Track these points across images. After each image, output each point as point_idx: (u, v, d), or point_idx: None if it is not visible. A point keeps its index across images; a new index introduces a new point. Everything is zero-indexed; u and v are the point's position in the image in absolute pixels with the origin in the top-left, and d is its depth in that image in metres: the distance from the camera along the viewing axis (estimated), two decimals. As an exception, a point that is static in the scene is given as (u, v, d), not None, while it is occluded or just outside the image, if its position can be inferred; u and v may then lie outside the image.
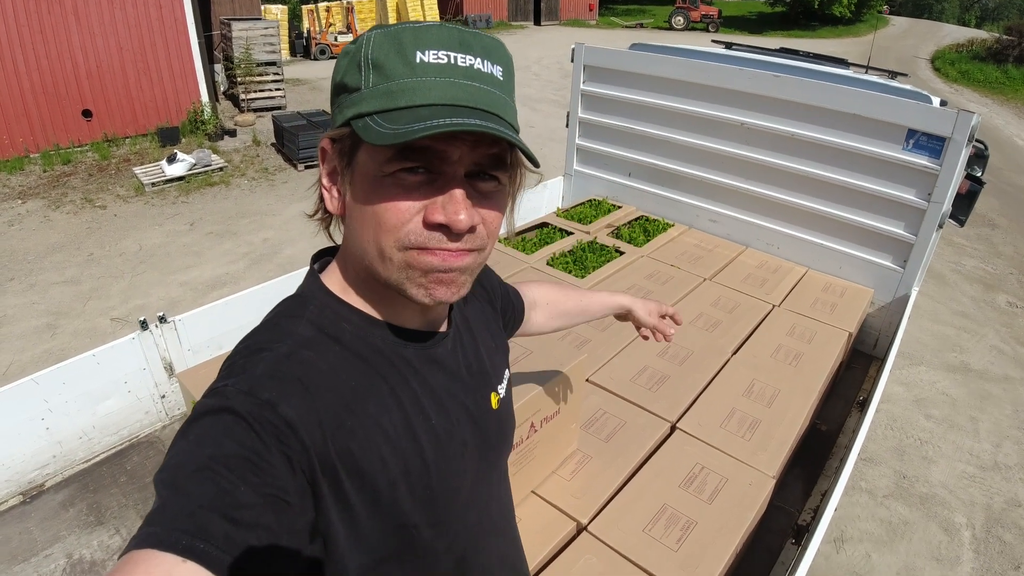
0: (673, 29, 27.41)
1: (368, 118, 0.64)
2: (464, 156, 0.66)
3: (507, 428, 0.97)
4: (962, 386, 4.84)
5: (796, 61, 3.66)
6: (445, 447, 0.79)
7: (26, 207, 7.11)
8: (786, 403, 2.36)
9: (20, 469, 2.30)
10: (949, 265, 6.90)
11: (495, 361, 0.96)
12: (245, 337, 0.75)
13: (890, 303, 3.21)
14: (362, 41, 0.67)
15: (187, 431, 0.62)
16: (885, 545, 3.42)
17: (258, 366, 0.67)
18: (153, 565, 0.51)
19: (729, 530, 1.80)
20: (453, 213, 0.66)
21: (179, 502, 0.55)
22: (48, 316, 5.15)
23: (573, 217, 3.85)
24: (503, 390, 0.96)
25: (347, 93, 0.68)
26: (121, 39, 8.61)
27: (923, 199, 2.90)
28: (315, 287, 0.79)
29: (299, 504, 0.63)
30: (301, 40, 17.87)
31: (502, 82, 0.70)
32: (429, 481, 0.76)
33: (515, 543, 1.06)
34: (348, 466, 0.68)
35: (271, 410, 0.63)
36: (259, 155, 9.14)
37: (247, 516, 0.57)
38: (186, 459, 0.59)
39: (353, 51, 0.67)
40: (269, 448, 0.61)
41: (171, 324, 2.57)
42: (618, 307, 1.39)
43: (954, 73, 19.99)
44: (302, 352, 0.70)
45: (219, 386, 0.66)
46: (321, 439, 0.66)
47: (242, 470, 0.58)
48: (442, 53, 0.65)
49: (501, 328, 1.05)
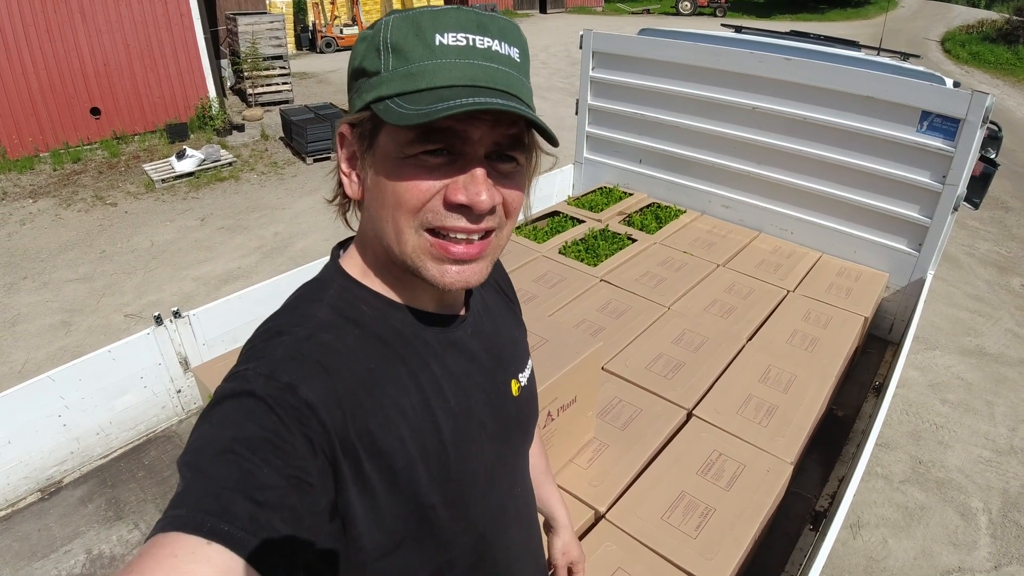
0: (680, 15, 27.15)
1: (389, 100, 0.65)
2: (484, 136, 0.66)
3: (528, 416, 0.97)
4: (977, 370, 4.79)
5: (807, 44, 3.62)
6: (463, 428, 0.79)
7: (37, 206, 7.14)
8: (803, 388, 2.34)
9: (38, 466, 2.32)
10: (963, 248, 6.83)
11: (516, 349, 0.96)
12: (265, 321, 0.75)
13: (905, 287, 3.18)
14: (380, 25, 0.67)
15: (209, 415, 0.63)
16: (902, 530, 3.40)
17: (278, 349, 0.68)
18: (179, 547, 0.51)
19: (748, 516, 1.79)
20: (475, 193, 0.66)
21: (203, 484, 0.56)
22: (62, 313, 5.18)
23: (584, 205, 3.83)
24: (525, 379, 0.95)
25: (366, 77, 0.68)
26: (127, 36, 8.62)
27: (938, 181, 2.87)
28: (334, 271, 0.79)
29: (321, 485, 0.63)
30: (307, 33, 17.82)
31: (519, 63, 0.70)
32: (447, 461, 0.77)
33: (537, 532, 1.06)
34: (368, 446, 0.68)
35: (292, 392, 0.63)
36: (268, 149, 9.14)
37: (271, 497, 0.57)
38: (209, 442, 0.60)
39: (371, 35, 0.67)
40: (291, 430, 0.62)
41: (185, 319, 2.58)
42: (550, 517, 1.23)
43: (964, 55, 19.72)
44: (321, 335, 0.71)
45: (240, 370, 0.67)
46: (341, 420, 0.66)
47: (264, 452, 0.59)
48: (461, 35, 0.65)
49: (521, 319, 1.04)
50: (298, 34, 17.68)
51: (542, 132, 0.67)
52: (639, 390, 2.27)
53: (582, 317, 2.67)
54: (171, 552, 0.51)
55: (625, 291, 2.88)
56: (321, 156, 8.74)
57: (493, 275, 0.99)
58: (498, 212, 0.70)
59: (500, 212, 0.71)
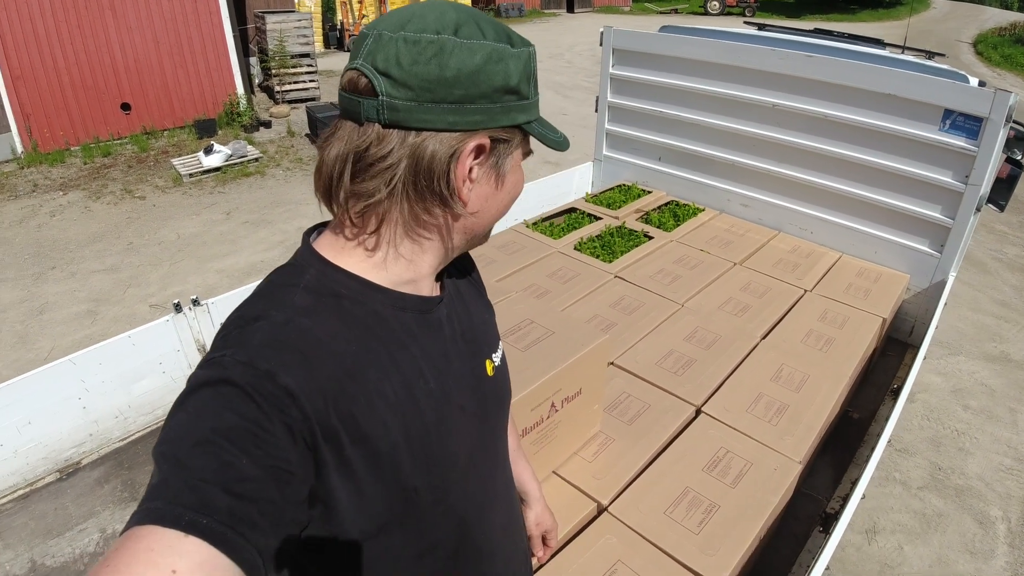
0: (708, 14, 26.93)
1: (534, 123, 0.78)
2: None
3: (503, 395, 0.98)
4: (1001, 376, 4.70)
5: (829, 41, 3.57)
6: (443, 411, 0.80)
7: (67, 198, 7.29)
8: (815, 388, 2.32)
9: (57, 447, 2.38)
10: (990, 253, 6.69)
11: (488, 329, 0.97)
12: (238, 307, 0.75)
13: (926, 289, 3.13)
14: (528, 54, 0.76)
15: (184, 402, 0.62)
16: (918, 537, 3.34)
17: (255, 336, 0.67)
18: (155, 541, 0.51)
19: (752, 515, 1.78)
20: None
21: (180, 476, 0.56)
22: (88, 303, 5.29)
23: (602, 202, 3.83)
24: (498, 358, 0.97)
25: (517, 98, 0.75)
26: (158, 33, 8.76)
27: (960, 181, 2.82)
28: (309, 255, 0.79)
29: (301, 474, 0.63)
30: (335, 32, 17.97)
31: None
32: (429, 444, 0.77)
33: (517, 514, 1.07)
34: (351, 431, 0.68)
35: (271, 380, 0.63)
36: (293, 145, 9.24)
37: (249, 489, 0.57)
38: (186, 432, 0.59)
39: (525, 60, 0.75)
40: (270, 419, 0.61)
41: (204, 307, 2.63)
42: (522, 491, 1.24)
43: (997, 57, 19.33)
44: (300, 320, 0.70)
45: (215, 356, 0.66)
46: (323, 406, 0.66)
47: (244, 442, 0.58)
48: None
49: (488, 301, 1.05)
50: (326, 32, 17.84)
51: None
52: (648, 385, 2.26)
53: (594, 312, 2.67)
54: (147, 546, 0.51)
55: (639, 287, 2.87)
56: (345, 153, 8.80)
57: (460, 261, 0.99)
58: None
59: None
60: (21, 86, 7.87)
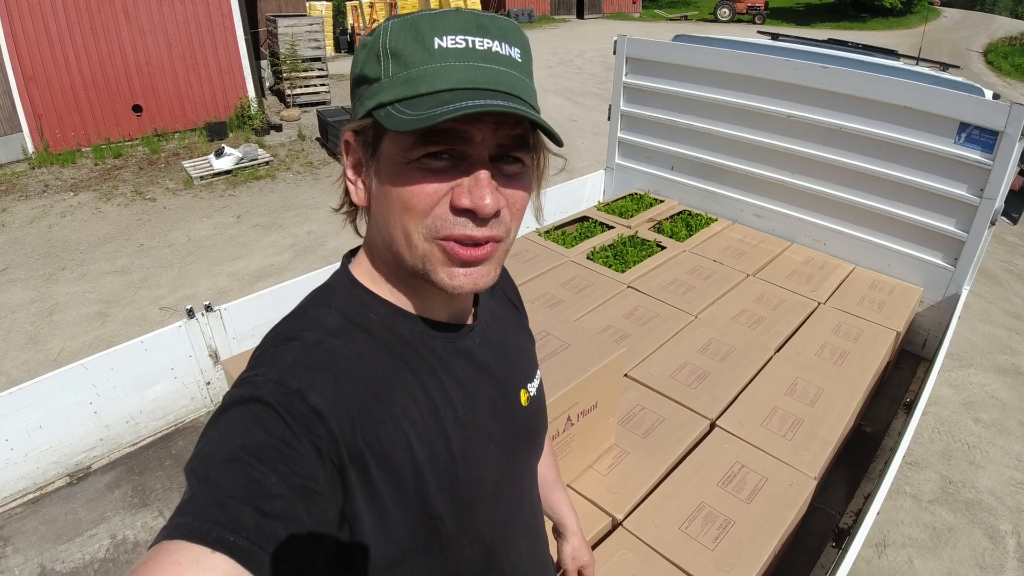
0: (719, 21, 26.98)
1: (390, 107, 0.65)
2: (487, 138, 0.66)
3: (537, 427, 0.96)
4: (1013, 389, 4.66)
5: (844, 52, 3.56)
6: (471, 438, 0.79)
7: (78, 199, 7.33)
8: (830, 403, 2.30)
9: (68, 451, 2.38)
10: (1002, 264, 6.66)
11: (524, 359, 0.95)
12: (275, 326, 0.76)
13: (940, 302, 3.12)
14: (379, 31, 0.67)
15: (217, 421, 0.63)
16: (928, 551, 3.32)
17: (287, 355, 0.68)
18: (183, 556, 0.51)
19: (767, 531, 1.77)
20: (479, 198, 0.65)
21: (209, 493, 0.56)
22: (99, 304, 5.31)
23: (614, 211, 3.82)
24: (534, 389, 0.95)
25: (367, 84, 0.68)
26: (170, 36, 8.82)
27: (975, 195, 2.81)
28: (343, 277, 0.79)
29: (328, 494, 0.63)
30: (345, 36, 18.05)
31: (520, 64, 0.69)
32: (455, 471, 0.76)
33: (544, 544, 1.05)
34: (376, 455, 0.68)
35: (300, 399, 0.63)
36: (304, 149, 9.27)
37: (277, 507, 0.57)
38: (216, 449, 0.60)
39: (371, 42, 0.67)
40: (299, 438, 0.61)
41: (217, 313, 2.63)
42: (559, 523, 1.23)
43: (1007, 67, 19.29)
44: (330, 341, 0.71)
45: (249, 376, 0.66)
46: (350, 428, 0.66)
47: (272, 460, 0.59)
48: (460, 37, 0.65)
49: (529, 330, 1.04)
50: (337, 37, 17.91)
51: (546, 132, 0.67)
52: (662, 398, 2.25)
53: (607, 323, 2.66)
54: (175, 560, 0.51)
55: (652, 298, 2.86)
56: (355, 156, 8.83)
57: (500, 285, 0.98)
58: (503, 216, 0.70)
59: (505, 215, 0.70)
60: (33, 87, 7.92)
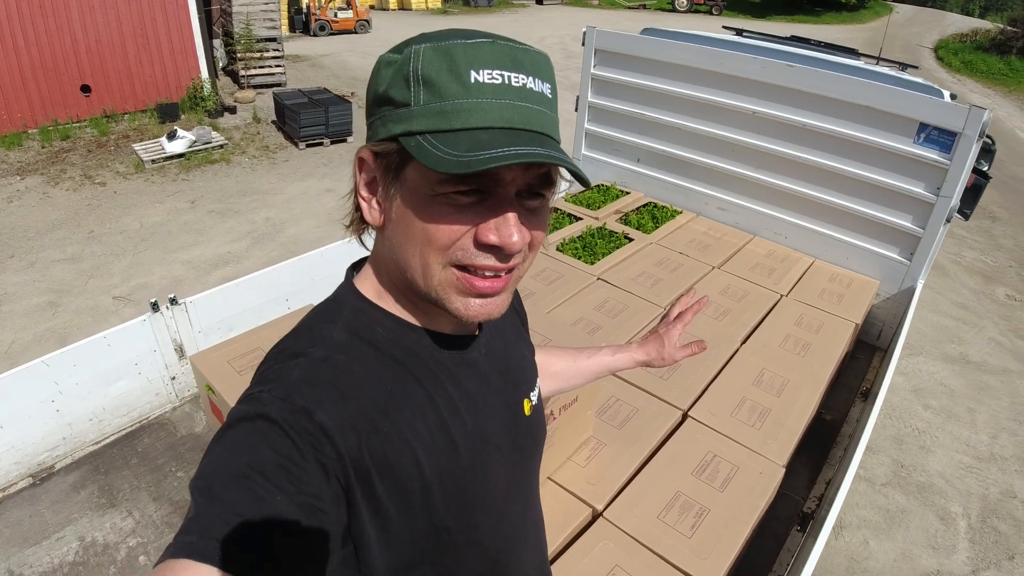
0: (676, 11, 27.20)
1: (420, 137, 0.63)
2: (517, 178, 0.66)
3: (539, 435, 0.97)
4: (960, 377, 4.88)
5: (807, 50, 3.64)
6: (480, 451, 0.79)
7: (25, 183, 7.05)
8: (795, 393, 2.38)
9: (30, 451, 2.31)
10: (950, 257, 6.92)
11: (526, 368, 0.96)
12: (279, 341, 0.75)
13: (895, 295, 3.23)
14: (409, 54, 0.64)
15: (222, 437, 0.62)
16: (883, 532, 3.46)
17: (293, 372, 0.67)
18: (189, 575, 0.51)
19: (741, 517, 1.82)
20: (507, 236, 0.66)
21: (215, 510, 0.56)
22: (50, 294, 5.14)
23: (582, 202, 3.85)
24: (535, 397, 0.96)
25: (392, 107, 0.66)
26: (121, 14, 8.50)
27: (932, 193, 2.91)
28: (349, 292, 0.79)
29: (334, 511, 0.63)
30: (300, 16, 17.67)
31: (550, 100, 0.69)
32: (464, 484, 0.77)
33: (546, 554, 1.06)
34: (382, 471, 0.68)
35: (307, 417, 0.63)
36: (260, 132, 9.08)
37: (282, 525, 0.57)
38: (222, 466, 0.59)
39: (399, 63, 0.65)
40: (304, 455, 0.61)
41: (182, 306, 2.57)
42: (630, 366, 1.32)
43: (957, 63, 19.92)
44: (337, 357, 0.70)
45: (254, 392, 0.66)
46: (356, 445, 0.66)
47: (278, 478, 0.59)
48: (496, 72, 0.63)
49: (528, 336, 1.05)
50: (291, 16, 17.52)
51: (578, 178, 0.67)
52: (636, 390, 2.29)
53: (580, 315, 2.69)
54: None
55: (622, 290, 2.90)
56: (314, 141, 8.69)
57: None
58: (524, 248, 0.70)
59: (525, 248, 0.70)
60: (-25, 65, 7.57)
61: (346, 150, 8.72)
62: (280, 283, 2.84)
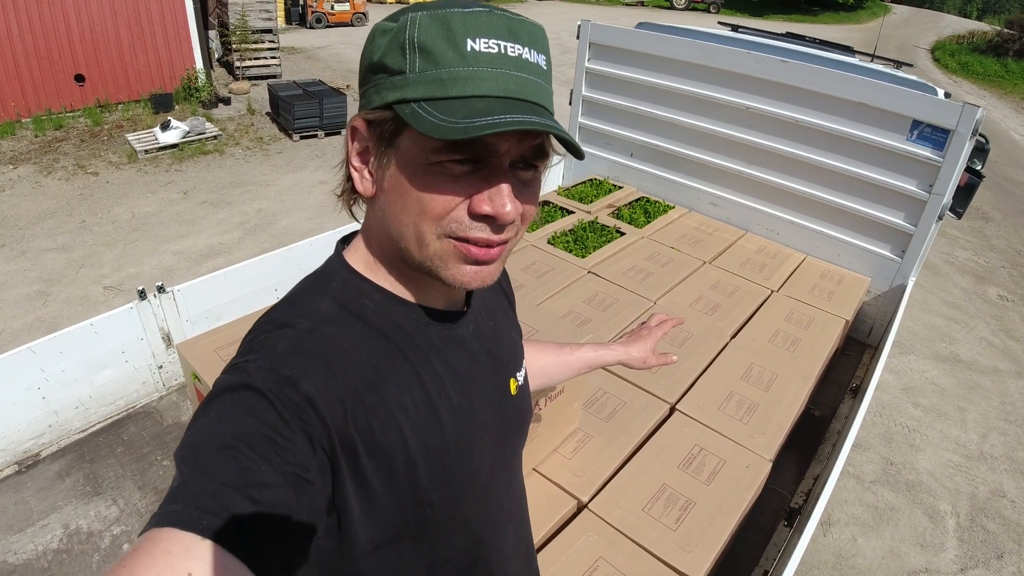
0: (674, 8, 27.24)
1: (415, 104, 0.63)
2: (512, 148, 0.66)
3: (525, 414, 0.97)
4: (951, 376, 4.89)
5: (802, 47, 3.64)
6: (466, 427, 0.79)
7: (17, 172, 7.01)
8: (784, 388, 2.38)
9: (15, 439, 2.29)
10: (942, 256, 6.94)
11: (513, 347, 0.96)
12: (267, 312, 0.74)
13: (886, 292, 3.23)
14: (406, 21, 0.64)
15: (208, 407, 0.62)
16: (871, 529, 3.47)
17: (279, 342, 0.67)
18: (173, 543, 0.51)
19: (727, 511, 1.82)
20: (500, 206, 0.66)
21: (200, 480, 0.55)
22: (40, 283, 5.11)
23: (574, 196, 3.84)
24: (521, 377, 0.96)
25: (386, 75, 0.66)
26: (115, 3, 8.45)
27: (924, 190, 2.91)
28: (338, 264, 0.78)
29: (319, 482, 0.63)
30: (297, 8, 17.60)
31: (545, 72, 0.69)
32: (449, 460, 0.76)
33: (529, 533, 1.06)
34: (368, 444, 0.68)
35: (292, 387, 0.63)
36: (254, 124, 9.04)
37: (268, 495, 0.57)
38: (207, 436, 0.59)
39: (395, 30, 0.65)
40: (290, 426, 0.61)
41: (169, 294, 2.56)
42: (610, 363, 1.38)
43: (953, 64, 19.96)
44: (324, 328, 0.70)
45: (240, 362, 0.66)
46: (342, 416, 0.66)
47: (263, 448, 0.58)
48: (492, 42, 0.63)
49: (515, 316, 1.05)
50: (288, 8, 17.44)
51: (572, 149, 0.66)
52: (624, 383, 2.28)
53: (569, 308, 2.68)
54: (165, 548, 0.51)
55: (612, 284, 2.90)
56: (308, 134, 8.66)
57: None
58: (516, 219, 0.70)
59: (518, 219, 0.70)
60: (-33, 53, 7.52)
61: (340, 143, 8.67)
62: (268, 273, 2.83)
